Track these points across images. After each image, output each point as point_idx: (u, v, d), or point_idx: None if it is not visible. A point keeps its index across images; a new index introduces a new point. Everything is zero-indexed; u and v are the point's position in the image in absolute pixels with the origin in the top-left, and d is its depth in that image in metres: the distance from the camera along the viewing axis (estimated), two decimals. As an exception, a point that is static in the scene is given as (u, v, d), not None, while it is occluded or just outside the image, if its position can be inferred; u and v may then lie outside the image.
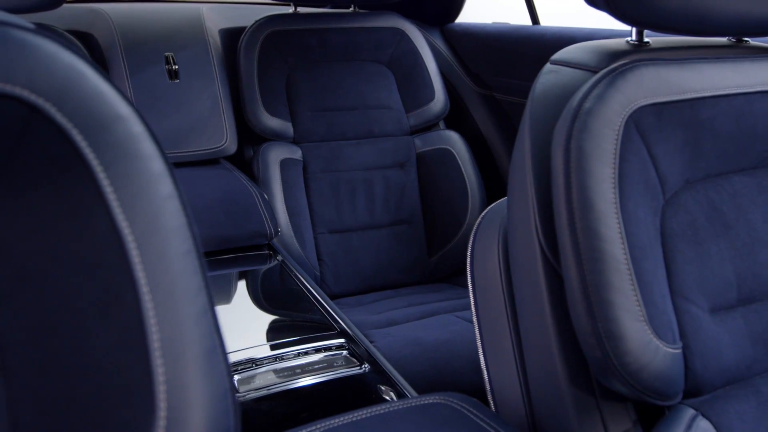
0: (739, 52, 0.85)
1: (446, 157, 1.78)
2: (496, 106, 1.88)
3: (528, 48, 1.72)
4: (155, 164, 0.45)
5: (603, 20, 1.63)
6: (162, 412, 0.41)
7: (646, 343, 0.65)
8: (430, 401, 0.72)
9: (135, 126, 0.45)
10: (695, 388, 0.71)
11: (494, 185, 1.86)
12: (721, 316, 0.74)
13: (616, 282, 0.65)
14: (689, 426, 0.66)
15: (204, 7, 1.80)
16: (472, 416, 0.70)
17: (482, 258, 0.85)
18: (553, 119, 0.75)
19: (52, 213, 0.43)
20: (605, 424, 0.69)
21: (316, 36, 1.75)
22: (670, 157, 0.73)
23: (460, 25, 1.97)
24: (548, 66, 0.81)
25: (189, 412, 0.42)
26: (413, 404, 0.71)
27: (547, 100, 0.77)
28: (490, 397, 0.84)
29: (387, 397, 0.90)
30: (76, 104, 0.43)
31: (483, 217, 0.89)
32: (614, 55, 0.78)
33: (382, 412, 0.69)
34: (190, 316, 0.44)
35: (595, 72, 0.76)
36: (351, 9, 1.85)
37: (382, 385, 0.90)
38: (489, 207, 0.90)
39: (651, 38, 0.82)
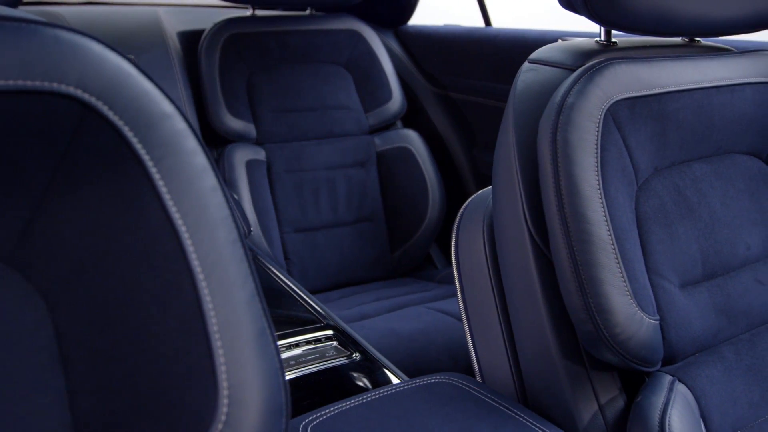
0: (692, 50, 0.94)
1: (406, 155, 1.83)
2: (451, 104, 1.94)
3: (482, 48, 1.79)
4: (199, 159, 0.48)
5: (551, 23, 1.71)
6: (225, 391, 0.44)
7: (632, 315, 0.71)
8: (434, 380, 0.76)
9: (179, 123, 0.48)
10: (670, 357, 0.78)
11: (452, 181, 1.93)
12: (689, 291, 0.82)
13: (603, 261, 0.71)
14: (670, 389, 0.73)
15: (160, 10, 1.79)
16: (475, 392, 0.75)
17: (468, 246, 0.90)
18: (536, 113, 0.81)
19: (108, 207, 0.45)
20: (596, 391, 0.75)
21: (275, 38, 1.77)
22: (641, 147, 0.80)
23: (413, 27, 2.03)
24: (527, 65, 0.87)
25: (248, 390, 0.45)
26: (418, 384, 0.75)
27: (529, 96, 0.82)
28: (478, 377, 0.89)
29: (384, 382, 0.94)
30: (125, 102, 0.45)
31: (465, 208, 0.94)
32: (587, 54, 0.84)
33: (390, 392, 0.73)
34: (241, 300, 0.47)
35: (572, 70, 0.82)
36: (308, 11, 1.88)
37: (375, 371, 0.94)
38: (470, 198, 0.95)
39: (617, 38, 0.89)
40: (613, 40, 0.88)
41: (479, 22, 1.94)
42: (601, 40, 0.88)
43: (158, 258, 0.45)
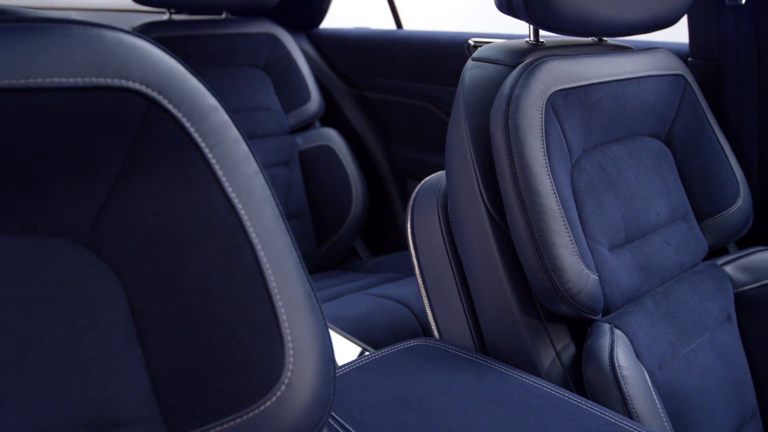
0: (601, 48, 1.09)
1: (327, 153, 1.91)
2: (366, 103, 2.05)
3: (395, 50, 1.91)
4: (242, 146, 0.55)
5: (454, 26, 1.85)
6: (289, 344, 0.51)
7: (580, 272, 0.84)
8: (413, 344, 0.86)
9: (224, 115, 0.54)
10: (606, 308, 0.92)
11: (371, 176, 2.03)
12: (616, 252, 0.96)
13: (555, 227, 0.83)
14: (611, 334, 0.86)
15: (73, 14, 1.77)
16: (451, 351, 0.85)
17: (423, 225, 1.00)
18: (485, 104, 0.92)
19: (173, 189, 0.51)
20: (552, 341, 0.87)
21: (195, 43, 1.80)
22: (573, 131, 0.94)
23: (326, 30, 2.11)
24: (471, 63, 0.99)
25: (307, 342, 0.53)
26: (401, 347, 0.85)
27: (477, 89, 0.94)
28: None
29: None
30: (180, 96, 0.51)
31: (417, 193, 1.04)
32: (522, 52, 0.97)
33: (378, 356, 0.82)
34: (291, 267, 0.54)
35: (511, 66, 0.95)
36: (223, 15, 1.92)
37: (345, 346, 1.02)
38: (419, 185, 1.05)
39: (544, 38, 1.02)
40: (541, 40, 1.01)
41: (384, 25, 2.05)
42: (530, 41, 1.00)
43: (221, 232, 0.52)
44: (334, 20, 2.16)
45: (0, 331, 0.45)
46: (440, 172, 1.04)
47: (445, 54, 1.76)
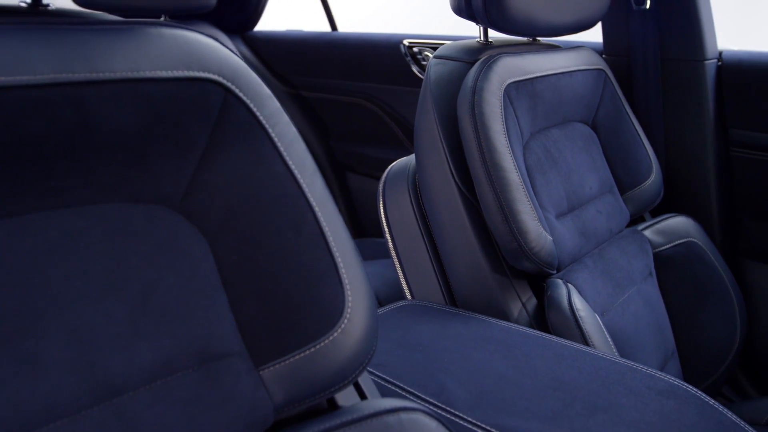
0: (537, 47, 1.25)
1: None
2: (303, 102, 2.15)
3: (331, 51, 2.03)
4: (293, 128, 0.66)
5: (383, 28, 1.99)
6: (348, 286, 0.63)
7: (540, 234, 1.00)
8: (402, 305, 0.99)
9: (276, 102, 0.65)
10: (558, 266, 1.09)
11: (310, 171, 2.13)
12: (561, 220, 1.13)
13: (518, 197, 0.98)
14: (566, 287, 1.02)
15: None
16: (437, 307, 0.98)
17: (395, 202, 1.13)
18: (451, 94, 1.06)
19: (247, 163, 0.62)
20: (518, 293, 1.03)
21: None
22: (524, 117, 1.10)
23: (261, 32, 2.19)
24: (434, 60, 1.13)
25: (359, 284, 0.64)
26: (392, 308, 0.97)
27: (442, 83, 1.08)
28: (409, 298, 1.12)
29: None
30: (246, 86, 0.62)
31: (386, 176, 1.17)
32: (476, 51, 1.12)
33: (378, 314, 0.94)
34: (340, 226, 0.66)
35: (469, 63, 1.09)
36: (162, 18, 1.97)
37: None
38: (388, 169, 1.18)
39: (492, 38, 1.18)
40: (489, 40, 1.16)
41: (315, 28, 2.17)
42: (481, 41, 1.16)
43: (287, 198, 0.62)
44: (266, 23, 2.25)
45: (125, 280, 0.54)
46: (406, 157, 1.18)
47: (382, 54, 1.90)
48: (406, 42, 1.83)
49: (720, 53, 1.37)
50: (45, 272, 0.51)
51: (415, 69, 1.83)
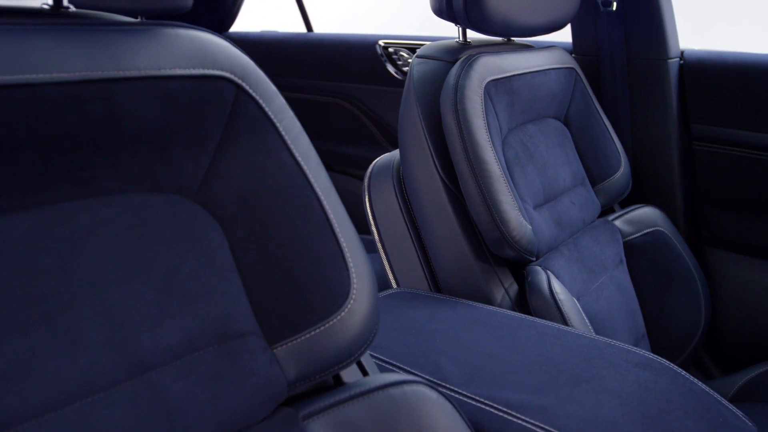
0: (512, 47, 1.32)
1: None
2: (280, 102, 2.18)
3: (307, 51, 2.06)
4: (297, 123, 0.70)
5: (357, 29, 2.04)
6: (353, 269, 0.67)
7: (521, 223, 1.05)
8: (391, 293, 1.03)
9: (282, 98, 0.70)
10: (536, 255, 1.15)
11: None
12: (538, 211, 1.19)
13: (500, 188, 1.04)
14: (545, 273, 1.08)
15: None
16: (425, 294, 1.03)
17: (380, 195, 1.18)
18: (434, 92, 1.11)
19: (258, 155, 0.66)
20: (500, 280, 1.08)
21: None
22: (502, 113, 1.16)
23: (236, 33, 2.22)
24: (416, 59, 1.18)
25: (362, 267, 0.69)
26: (383, 295, 1.02)
27: (425, 81, 1.13)
28: (395, 286, 1.17)
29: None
30: (256, 83, 0.66)
31: (371, 171, 1.22)
32: (456, 51, 1.17)
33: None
34: (343, 213, 0.70)
35: (450, 62, 1.15)
36: (138, 19, 1.98)
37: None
38: (372, 164, 1.23)
39: (471, 39, 1.23)
40: (468, 40, 1.22)
41: (289, 28, 2.21)
42: (460, 41, 1.21)
43: (295, 188, 0.67)
44: (241, 24, 2.28)
45: (151, 265, 0.58)
46: (390, 153, 1.23)
47: (357, 54, 1.95)
48: (381, 42, 1.88)
49: (682, 52, 1.45)
50: (79, 257, 0.54)
51: (390, 69, 1.88)
